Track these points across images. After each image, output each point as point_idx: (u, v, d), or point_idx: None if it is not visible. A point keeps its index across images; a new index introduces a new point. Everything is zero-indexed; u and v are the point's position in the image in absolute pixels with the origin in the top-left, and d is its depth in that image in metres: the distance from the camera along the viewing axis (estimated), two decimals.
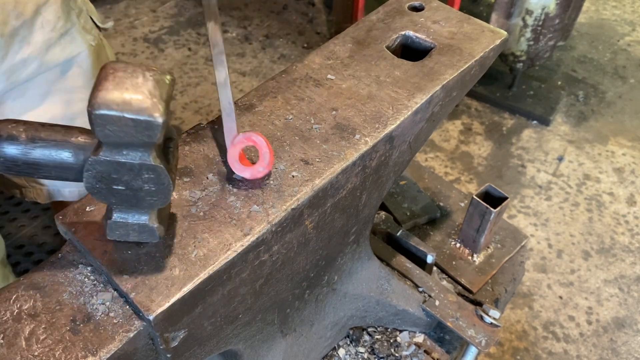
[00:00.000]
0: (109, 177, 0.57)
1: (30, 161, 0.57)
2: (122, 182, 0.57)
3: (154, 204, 0.60)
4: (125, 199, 0.59)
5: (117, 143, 0.54)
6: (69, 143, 0.57)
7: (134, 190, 0.58)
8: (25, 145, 0.57)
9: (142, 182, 0.57)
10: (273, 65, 3.11)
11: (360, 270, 1.03)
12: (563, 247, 2.37)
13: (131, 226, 0.61)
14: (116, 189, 0.58)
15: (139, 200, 0.59)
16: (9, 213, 2.30)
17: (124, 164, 0.56)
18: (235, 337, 0.79)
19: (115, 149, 0.55)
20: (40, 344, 0.59)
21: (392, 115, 0.79)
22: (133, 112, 0.52)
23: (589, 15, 3.54)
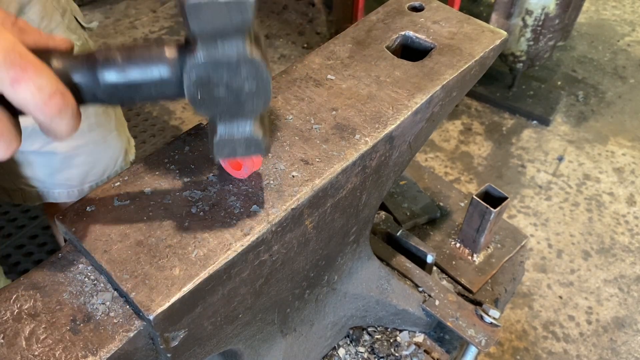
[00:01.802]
0: (209, 81, 0.55)
1: (130, 82, 0.55)
2: (222, 85, 0.55)
3: (257, 106, 0.57)
4: (228, 106, 0.57)
5: (212, 36, 0.52)
6: (164, 56, 0.55)
7: (235, 93, 0.56)
8: (121, 66, 0.55)
9: (242, 81, 0.55)
10: (273, 65, 3.11)
11: (360, 270, 1.03)
12: (563, 247, 2.37)
13: (237, 141, 0.59)
14: (218, 96, 0.56)
15: (242, 105, 0.57)
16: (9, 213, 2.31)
17: (220, 62, 0.54)
18: (235, 337, 0.80)
19: (210, 44, 0.53)
20: (40, 344, 0.59)
21: (392, 115, 0.79)
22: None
23: (589, 15, 3.54)
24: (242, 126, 0.59)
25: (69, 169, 1.23)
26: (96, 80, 0.55)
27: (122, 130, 1.34)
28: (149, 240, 0.65)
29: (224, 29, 0.52)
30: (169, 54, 0.55)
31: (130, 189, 0.70)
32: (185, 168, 0.73)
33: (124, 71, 0.55)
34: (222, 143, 0.60)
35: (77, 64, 0.55)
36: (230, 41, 0.53)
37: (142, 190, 0.70)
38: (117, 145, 1.31)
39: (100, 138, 1.25)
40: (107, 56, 0.55)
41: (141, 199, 0.69)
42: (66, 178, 1.24)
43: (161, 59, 0.55)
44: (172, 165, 0.73)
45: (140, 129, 2.74)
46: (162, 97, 0.58)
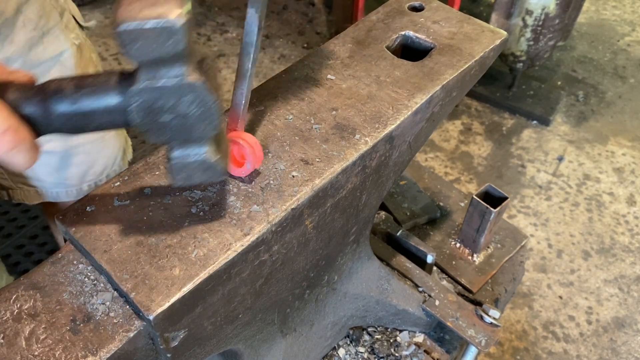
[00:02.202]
0: (153, 107, 0.56)
1: (81, 111, 0.57)
2: (167, 111, 0.56)
3: (205, 131, 0.58)
4: (177, 131, 0.58)
5: (151, 63, 0.54)
6: (111, 84, 0.57)
7: (181, 117, 0.57)
8: (72, 95, 0.56)
9: (186, 106, 0.56)
10: (273, 65, 3.11)
11: (360, 270, 1.03)
12: (563, 247, 2.37)
13: (192, 165, 0.60)
14: (164, 122, 0.57)
15: (190, 130, 0.58)
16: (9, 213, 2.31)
17: (162, 87, 0.55)
18: (235, 337, 0.79)
19: (151, 71, 0.54)
20: (40, 344, 0.59)
21: (392, 115, 0.79)
22: (151, 21, 0.51)
23: (589, 15, 3.54)
24: (195, 151, 0.59)
25: (68, 168, 1.23)
26: (48, 112, 0.56)
27: (120, 130, 1.34)
28: (149, 240, 0.65)
29: (160, 55, 0.53)
30: (116, 82, 0.57)
31: (130, 189, 0.70)
32: None
33: (74, 101, 0.56)
34: (176, 168, 0.60)
35: (30, 96, 0.56)
36: (169, 67, 0.54)
37: (142, 190, 0.70)
38: (115, 145, 1.31)
39: (99, 137, 1.25)
40: (58, 87, 0.56)
41: (141, 199, 0.69)
42: (65, 177, 1.24)
43: (109, 87, 0.57)
44: None
45: None
46: (115, 125, 0.59)
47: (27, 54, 1.08)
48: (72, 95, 0.56)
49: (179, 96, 0.55)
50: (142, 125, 0.57)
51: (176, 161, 0.60)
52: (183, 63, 0.54)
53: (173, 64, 0.54)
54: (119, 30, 0.51)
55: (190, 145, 0.59)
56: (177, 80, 0.55)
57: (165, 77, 0.54)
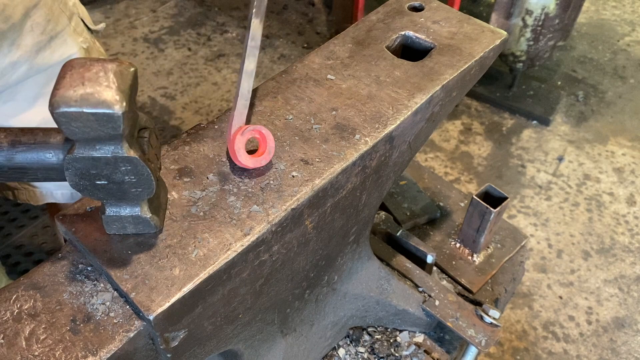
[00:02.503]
0: (89, 173, 0.57)
1: (15, 166, 0.58)
2: (103, 177, 0.58)
3: (140, 195, 0.60)
4: (112, 193, 0.60)
5: (86, 139, 0.55)
6: (49, 144, 0.58)
7: (117, 183, 0.59)
8: (7, 151, 0.58)
9: (121, 175, 0.58)
10: (273, 65, 3.11)
11: (360, 270, 1.03)
12: (563, 247, 2.37)
13: (125, 219, 0.62)
14: (100, 184, 0.59)
15: (125, 193, 0.60)
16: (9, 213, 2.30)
17: (98, 158, 0.56)
18: (235, 337, 0.79)
19: (88, 144, 0.56)
20: (40, 344, 0.59)
21: (392, 115, 0.79)
22: (92, 107, 0.52)
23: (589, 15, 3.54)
24: (129, 208, 0.62)
25: None
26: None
27: None
28: (148, 241, 0.65)
29: (97, 135, 0.54)
30: (53, 143, 0.58)
31: None
32: (185, 168, 0.73)
33: (9, 156, 0.58)
34: (110, 220, 0.63)
35: None
36: (106, 144, 0.56)
37: None
38: None
39: None
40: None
41: None
42: None
43: (46, 146, 0.58)
44: (172, 165, 0.73)
45: None
46: (49, 179, 0.61)
47: (34, 59, 1.08)
48: (8, 151, 0.58)
49: (115, 167, 0.57)
50: (77, 186, 0.59)
51: (110, 215, 0.62)
52: (120, 140, 0.56)
53: (110, 141, 0.55)
54: (57, 112, 0.52)
55: (124, 204, 0.62)
56: (112, 154, 0.56)
57: (102, 150, 0.56)
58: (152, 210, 0.63)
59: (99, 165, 0.57)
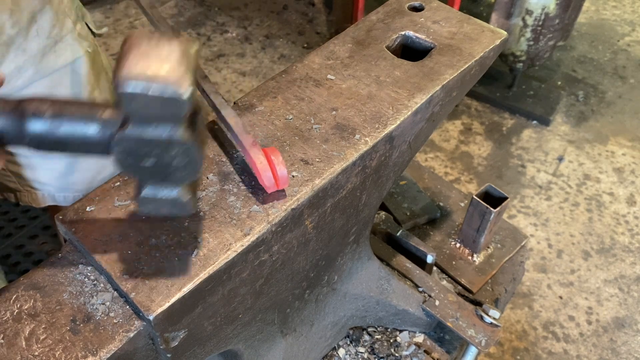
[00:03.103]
0: (138, 152, 0.55)
1: (57, 138, 0.56)
2: (151, 157, 0.56)
3: (184, 178, 0.58)
4: (155, 174, 0.58)
5: (143, 118, 0.53)
6: (95, 118, 0.56)
7: (163, 165, 0.56)
8: (51, 121, 0.55)
9: (171, 158, 0.56)
10: (273, 65, 3.11)
11: (360, 270, 1.03)
12: (563, 247, 2.37)
13: (162, 201, 0.60)
14: (146, 164, 0.56)
15: (169, 175, 0.58)
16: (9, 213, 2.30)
17: (151, 140, 0.54)
18: (235, 337, 0.79)
19: (142, 124, 0.54)
20: (40, 344, 0.59)
21: (392, 115, 0.79)
22: (159, 88, 0.50)
23: (589, 15, 3.54)
24: (168, 190, 0.59)
25: (76, 173, 1.23)
26: (22, 130, 0.55)
27: None
28: (149, 241, 0.65)
29: (157, 116, 0.53)
30: (100, 118, 0.56)
31: (130, 189, 0.70)
32: None
33: (52, 127, 0.55)
34: (146, 201, 0.60)
35: (5, 110, 0.55)
36: (162, 126, 0.54)
37: None
38: None
39: None
40: (38, 108, 0.55)
41: None
42: (73, 182, 1.24)
43: (92, 120, 0.56)
44: None
45: None
46: (91, 155, 0.59)
47: (40, 63, 1.08)
48: (52, 120, 0.55)
49: (167, 149, 0.55)
50: (122, 164, 0.57)
51: (147, 196, 0.60)
52: (178, 123, 0.54)
53: (168, 122, 0.54)
54: (122, 91, 0.50)
55: (164, 185, 0.59)
56: (167, 137, 0.54)
57: (157, 131, 0.54)
58: (190, 193, 0.60)
59: (150, 146, 0.54)
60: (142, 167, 0.57)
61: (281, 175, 0.68)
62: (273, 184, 0.68)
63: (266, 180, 0.68)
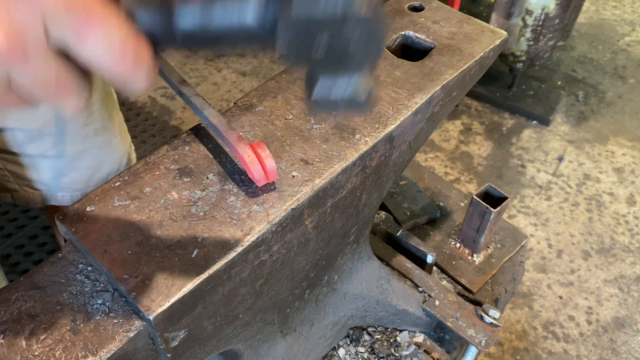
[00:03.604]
0: (307, 37, 0.45)
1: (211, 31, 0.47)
2: (322, 40, 0.45)
3: (366, 60, 0.48)
4: (329, 61, 0.47)
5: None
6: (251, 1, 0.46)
7: (339, 48, 0.46)
8: (201, 12, 0.46)
9: (348, 37, 0.45)
10: (273, 65, 3.11)
11: (360, 270, 1.03)
12: (563, 247, 2.37)
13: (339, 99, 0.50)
14: (316, 57, 0.46)
15: (346, 60, 0.47)
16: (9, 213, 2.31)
17: (323, 19, 0.44)
18: (236, 337, 0.79)
19: None
20: (40, 344, 0.59)
21: (392, 115, 0.79)
22: None
23: (589, 15, 3.54)
24: (346, 81, 0.49)
25: (74, 172, 1.23)
26: (172, 28, 0.46)
27: (125, 135, 1.34)
28: (149, 240, 0.65)
29: None
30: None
31: (130, 189, 0.70)
32: (185, 168, 0.73)
33: (205, 15, 0.46)
34: (320, 101, 0.50)
35: (150, 5, 0.46)
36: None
37: (142, 190, 0.70)
38: (120, 149, 1.31)
39: (106, 142, 1.25)
40: None
41: (141, 199, 0.69)
42: (71, 181, 1.24)
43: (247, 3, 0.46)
44: (172, 165, 0.73)
45: (140, 129, 2.74)
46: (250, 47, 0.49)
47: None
48: (203, 9, 0.46)
49: (342, 26, 0.44)
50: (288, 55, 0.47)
51: (320, 95, 0.50)
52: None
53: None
54: None
55: (340, 74, 0.49)
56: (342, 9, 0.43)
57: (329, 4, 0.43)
58: (371, 83, 0.50)
59: (323, 25, 0.44)
60: (314, 59, 0.47)
61: (270, 168, 0.68)
62: (263, 176, 0.69)
63: (255, 173, 0.69)
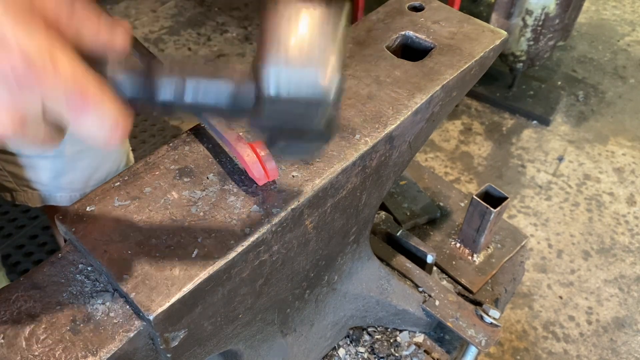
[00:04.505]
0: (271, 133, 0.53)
1: (190, 105, 0.51)
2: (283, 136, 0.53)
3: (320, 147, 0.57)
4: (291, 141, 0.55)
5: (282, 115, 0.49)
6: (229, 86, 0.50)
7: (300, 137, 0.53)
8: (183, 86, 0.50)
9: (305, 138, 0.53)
10: None
11: (360, 270, 1.03)
12: (563, 247, 2.37)
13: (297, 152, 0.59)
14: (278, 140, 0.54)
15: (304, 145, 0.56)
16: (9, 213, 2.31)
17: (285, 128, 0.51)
18: (236, 337, 0.79)
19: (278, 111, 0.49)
20: (40, 344, 0.59)
21: (392, 115, 0.79)
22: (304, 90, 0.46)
23: (589, 15, 3.54)
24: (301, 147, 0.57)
25: (73, 172, 1.23)
26: (153, 98, 0.51)
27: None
28: (149, 240, 0.65)
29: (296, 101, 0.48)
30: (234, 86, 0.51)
31: (130, 189, 0.70)
32: (185, 168, 0.73)
33: (184, 93, 0.50)
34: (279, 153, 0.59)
35: (134, 77, 0.50)
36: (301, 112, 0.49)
37: (142, 190, 0.70)
38: (120, 149, 1.31)
39: None
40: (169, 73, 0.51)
41: (141, 199, 0.69)
42: (69, 181, 1.24)
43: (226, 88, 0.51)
44: (172, 165, 0.73)
45: (140, 129, 2.74)
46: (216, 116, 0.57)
47: None
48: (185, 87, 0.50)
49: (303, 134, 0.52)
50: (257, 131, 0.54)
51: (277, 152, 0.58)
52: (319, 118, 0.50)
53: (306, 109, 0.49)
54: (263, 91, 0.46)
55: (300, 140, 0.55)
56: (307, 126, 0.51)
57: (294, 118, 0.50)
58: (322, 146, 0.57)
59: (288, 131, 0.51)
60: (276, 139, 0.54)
61: (270, 167, 0.69)
62: (263, 175, 0.69)
63: (256, 172, 0.69)
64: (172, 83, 0.50)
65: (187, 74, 0.51)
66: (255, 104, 0.50)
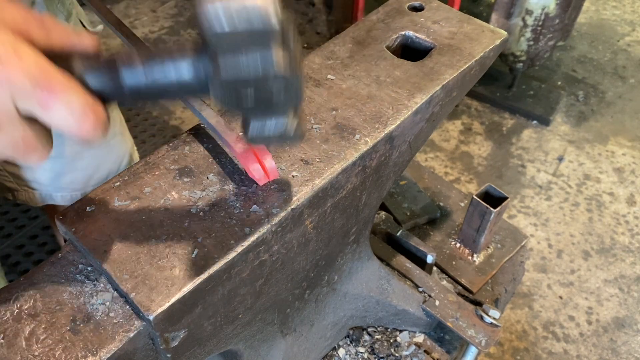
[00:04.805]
0: (235, 93, 0.54)
1: (154, 86, 0.54)
2: (249, 94, 0.54)
3: (287, 105, 0.56)
4: (258, 107, 0.56)
5: (233, 47, 0.51)
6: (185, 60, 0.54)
7: (264, 97, 0.54)
8: (144, 71, 0.53)
9: (270, 93, 0.54)
10: None
11: (360, 270, 1.03)
12: (563, 247, 2.38)
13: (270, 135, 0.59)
14: (246, 106, 0.55)
15: (272, 106, 0.56)
16: (8, 213, 2.31)
17: (245, 80, 0.52)
18: (236, 337, 0.79)
19: (233, 60, 0.51)
20: (40, 344, 0.59)
21: (392, 115, 0.79)
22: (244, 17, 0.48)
23: (589, 15, 3.54)
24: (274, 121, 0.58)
25: (73, 172, 1.23)
26: (119, 86, 0.54)
27: (126, 134, 1.34)
28: (149, 241, 0.65)
29: (245, 39, 0.50)
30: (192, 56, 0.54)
31: (130, 189, 0.70)
32: (185, 168, 0.73)
33: (147, 76, 0.54)
34: (254, 137, 0.59)
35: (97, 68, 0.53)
36: (254, 53, 0.51)
37: (142, 190, 0.70)
38: (120, 149, 1.31)
39: (105, 142, 1.25)
40: (129, 59, 0.54)
41: (141, 199, 0.69)
42: (70, 181, 1.24)
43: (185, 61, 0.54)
44: (172, 165, 0.73)
45: (140, 129, 2.74)
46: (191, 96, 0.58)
47: None
48: (145, 69, 0.53)
49: (264, 82, 0.53)
50: (222, 104, 0.55)
51: (254, 131, 0.58)
52: (269, 48, 0.51)
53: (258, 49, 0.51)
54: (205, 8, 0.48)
55: (269, 117, 0.57)
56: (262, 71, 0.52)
57: (250, 66, 0.51)
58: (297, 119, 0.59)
59: (247, 82, 0.53)
60: (244, 107, 0.55)
61: (270, 167, 0.69)
62: (263, 175, 0.69)
63: (255, 172, 0.69)
64: (133, 69, 0.53)
65: (145, 57, 0.54)
66: (213, 65, 0.52)
